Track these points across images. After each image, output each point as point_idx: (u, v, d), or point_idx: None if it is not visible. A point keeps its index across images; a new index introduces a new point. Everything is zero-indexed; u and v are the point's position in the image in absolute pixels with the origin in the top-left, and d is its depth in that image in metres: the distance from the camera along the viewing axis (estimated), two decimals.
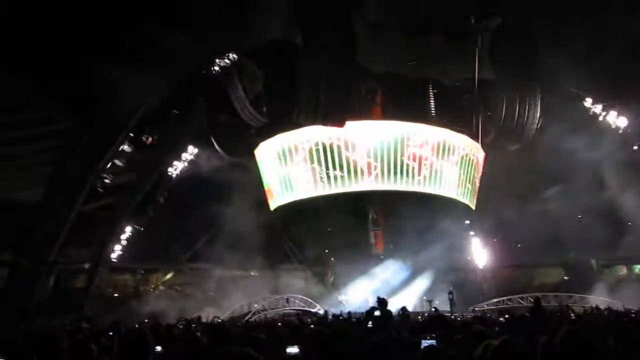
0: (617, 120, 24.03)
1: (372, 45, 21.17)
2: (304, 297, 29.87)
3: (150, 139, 24.36)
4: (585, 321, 10.57)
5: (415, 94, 24.82)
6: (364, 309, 16.53)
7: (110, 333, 11.14)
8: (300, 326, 12.71)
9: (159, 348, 6.40)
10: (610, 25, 20.93)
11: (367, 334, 9.92)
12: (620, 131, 24.13)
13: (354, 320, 16.37)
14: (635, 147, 24.62)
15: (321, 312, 27.30)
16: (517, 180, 26.60)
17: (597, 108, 24.33)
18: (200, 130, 25.83)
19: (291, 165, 23.55)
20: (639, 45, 21.25)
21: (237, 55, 22.83)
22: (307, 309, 28.84)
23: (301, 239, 34.36)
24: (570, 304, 25.51)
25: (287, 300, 28.90)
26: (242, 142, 25.32)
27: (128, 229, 26.01)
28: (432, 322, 12.15)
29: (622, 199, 26.14)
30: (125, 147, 24.01)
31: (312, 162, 22.93)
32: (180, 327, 15.38)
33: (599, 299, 26.46)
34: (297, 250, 34.94)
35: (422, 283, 33.15)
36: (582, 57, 21.19)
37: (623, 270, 33.24)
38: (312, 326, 14.26)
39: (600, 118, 24.30)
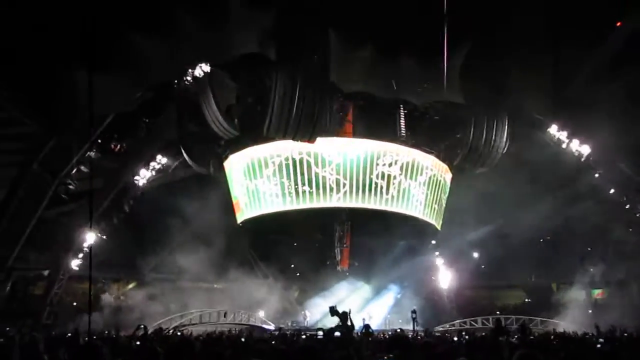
0: (580, 147, 24.75)
1: (345, 64, 21.39)
2: (250, 313, 29.35)
3: (118, 146, 24.06)
4: (539, 344, 10.78)
5: (385, 114, 25.04)
6: (327, 325, 16.51)
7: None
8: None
9: None
10: (575, 57, 21.69)
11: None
12: (582, 159, 24.83)
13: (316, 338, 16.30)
14: (597, 175, 25.34)
15: (271, 327, 26.95)
16: (481, 203, 27.00)
17: (562, 135, 25.01)
18: (169, 139, 25.56)
19: (260, 179, 23.49)
20: (602, 77, 22.08)
21: (210, 66, 22.73)
22: (255, 324, 28.23)
23: (267, 253, 34.16)
24: (531, 326, 25.98)
25: (225, 314, 27.73)
26: (211, 153, 25.17)
27: (91, 237, 25.49)
28: (395, 341, 12.21)
29: (583, 225, 26.86)
30: (92, 154, 23.65)
31: (281, 176, 22.92)
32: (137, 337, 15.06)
33: (559, 322, 26.88)
34: (262, 264, 34.71)
35: (386, 302, 33.27)
36: (549, 86, 21.92)
37: (582, 295, 33.88)
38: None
39: (564, 145, 24.98)
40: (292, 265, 35.47)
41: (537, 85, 23.20)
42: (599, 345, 12.83)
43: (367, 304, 31.98)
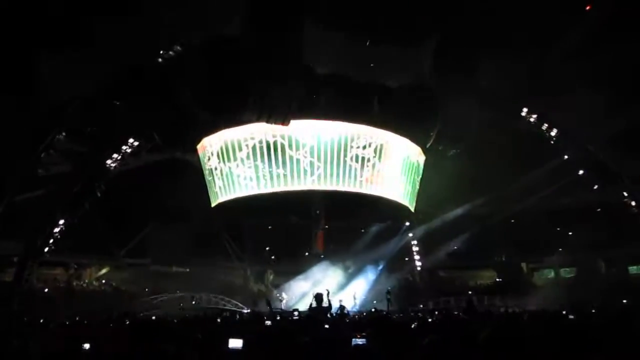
0: (549, 129, 25.21)
1: (319, 46, 21.23)
2: (220, 296, 29.32)
3: (88, 130, 23.62)
4: (508, 322, 11.02)
5: (359, 96, 24.98)
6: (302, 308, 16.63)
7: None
8: None
9: (87, 346, 6.25)
10: (546, 39, 21.95)
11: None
12: (552, 141, 25.27)
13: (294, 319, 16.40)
14: (566, 157, 25.81)
15: (245, 311, 27.04)
16: (453, 186, 27.32)
17: (533, 117, 25.40)
18: (141, 122, 25.15)
19: (233, 162, 23.30)
20: (573, 59, 22.39)
21: (183, 47, 22.33)
22: (226, 307, 28.21)
23: (242, 237, 34.10)
24: (501, 305, 26.62)
25: (193, 298, 27.71)
26: (184, 136, 24.85)
27: (61, 222, 25.07)
28: (373, 321, 12.37)
29: (552, 206, 27.41)
30: (61, 137, 23.18)
31: (255, 159, 22.77)
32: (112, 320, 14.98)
33: (529, 300, 27.46)
34: (237, 248, 34.64)
35: (361, 283, 33.55)
36: (520, 68, 22.15)
37: (551, 274, 34.71)
38: None
39: (535, 127, 25.40)
40: (267, 249, 35.51)
41: (509, 68, 23.41)
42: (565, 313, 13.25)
43: (344, 287, 32.19)
